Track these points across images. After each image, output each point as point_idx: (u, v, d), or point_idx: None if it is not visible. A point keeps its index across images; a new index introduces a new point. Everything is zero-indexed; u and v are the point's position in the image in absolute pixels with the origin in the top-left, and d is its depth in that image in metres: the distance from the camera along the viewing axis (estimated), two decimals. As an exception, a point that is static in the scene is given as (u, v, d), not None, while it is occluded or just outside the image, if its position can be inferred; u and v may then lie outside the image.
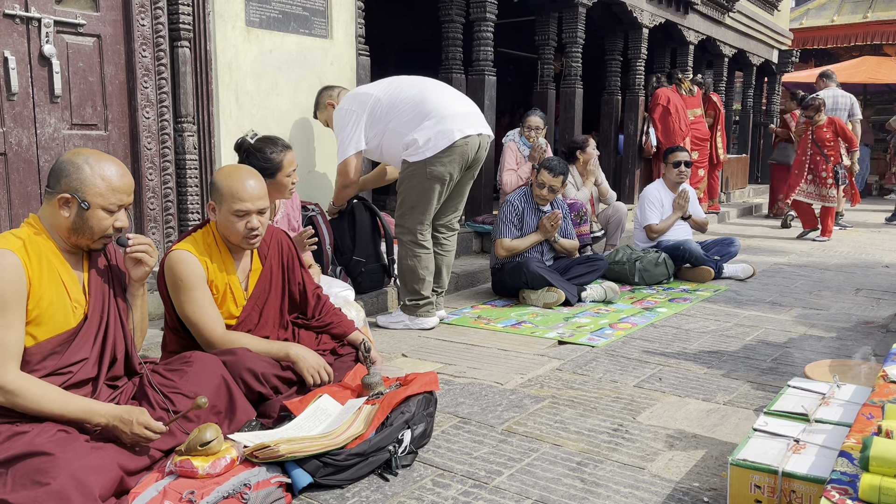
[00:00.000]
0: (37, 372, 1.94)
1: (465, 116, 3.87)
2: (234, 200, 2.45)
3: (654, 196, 5.68)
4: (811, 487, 1.75)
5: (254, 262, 2.65)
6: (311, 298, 2.77)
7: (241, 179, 2.48)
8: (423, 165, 3.76)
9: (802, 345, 3.63)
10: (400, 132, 3.81)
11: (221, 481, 1.93)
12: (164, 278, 2.52)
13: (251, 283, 2.63)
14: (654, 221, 5.61)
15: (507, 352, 3.53)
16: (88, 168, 1.98)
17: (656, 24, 8.10)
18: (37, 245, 1.97)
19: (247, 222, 2.47)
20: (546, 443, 2.44)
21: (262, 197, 2.51)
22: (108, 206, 2.00)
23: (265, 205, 2.52)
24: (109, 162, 2.03)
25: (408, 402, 2.35)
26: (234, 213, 2.46)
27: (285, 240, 2.75)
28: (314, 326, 2.78)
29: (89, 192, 1.97)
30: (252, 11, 4.00)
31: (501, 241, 4.63)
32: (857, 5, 14.57)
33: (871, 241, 7.67)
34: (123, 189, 2.03)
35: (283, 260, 2.71)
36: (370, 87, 3.99)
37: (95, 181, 1.98)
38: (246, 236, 2.49)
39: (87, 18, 3.41)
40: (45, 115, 3.29)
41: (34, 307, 1.92)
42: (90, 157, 2.01)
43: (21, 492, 1.68)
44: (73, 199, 1.96)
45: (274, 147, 3.11)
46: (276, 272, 2.68)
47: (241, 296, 2.60)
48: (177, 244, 2.55)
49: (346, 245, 4.18)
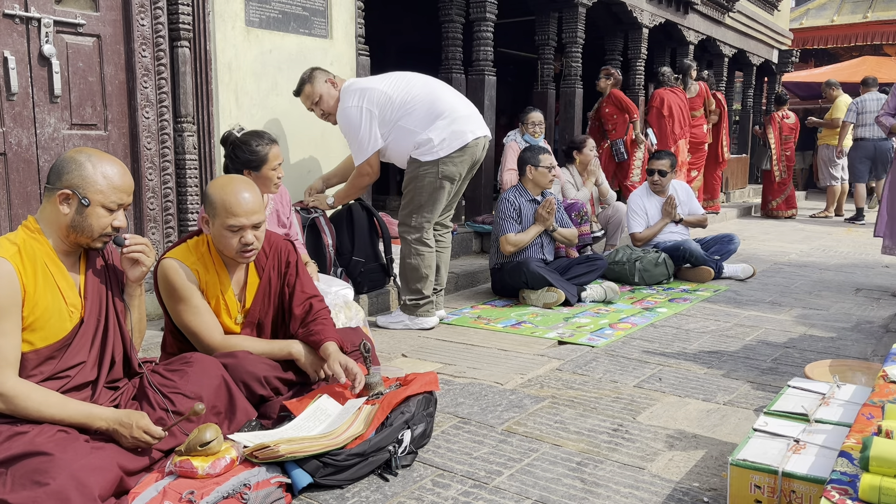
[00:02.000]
0: (35, 376, 1.94)
1: (472, 117, 3.92)
2: (228, 215, 2.34)
3: (636, 204, 5.65)
4: (811, 487, 1.75)
5: (250, 276, 2.56)
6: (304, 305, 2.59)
7: (236, 192, 2.36)
8: (436, 165, 3.77)
9: (802, 345, 3.63)
10: (412, 130, 3.79)
11: (221, 481, 1.93)
12: (158, 287, 2.49)
13: (248, 297, 2.56)
14: (637, 230, 5.59)
15: (507, 352, 3.52)
16: (90, 165, 1.98)
17: (656, 24, 8.10)
18: (32, 250, 1.96)
19: (241, 237, 2.37)
20: (546, 443, 2.44)
21: (258, 211, 2.39)
22: (108, 204, 1.99)
23: (261, 219, 2.41)
24: (111, 161, 2.04)
25: (408, 403, 2.35)
26: (227, 227, 2.35)
27: (285, 248, 2.63)
28: (300, 333, 2.55)
29: (90, 189, 1.97)
30: (252, 11, 4.00)
31: (507, 237, 4.62)
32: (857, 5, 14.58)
33: (871, 241, 7.66)
34: (124, 188, 2.03)
35: (282, 270, 2.59)
36: (375, 82, 3.91)
37: (97, 178, 1.98)
38: (240, 251, 2.39)
39: (87, 18, 3.41)
40: (45, 115, 3.29)
41: (29, 313, 1.91)
42: (92, 155, 2.01)
43: (20, 492, 1.68)
44: (74, 195, 1.96)
45: (260, 140, 3.12)
46: (274, 285, 2.59)
47: (235, 308, 2.53)
48: (168, 252, 2.49)
49: (344, 246, 4.18)
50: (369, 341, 2.72)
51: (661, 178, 5.58)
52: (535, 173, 4.72)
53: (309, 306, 2.57)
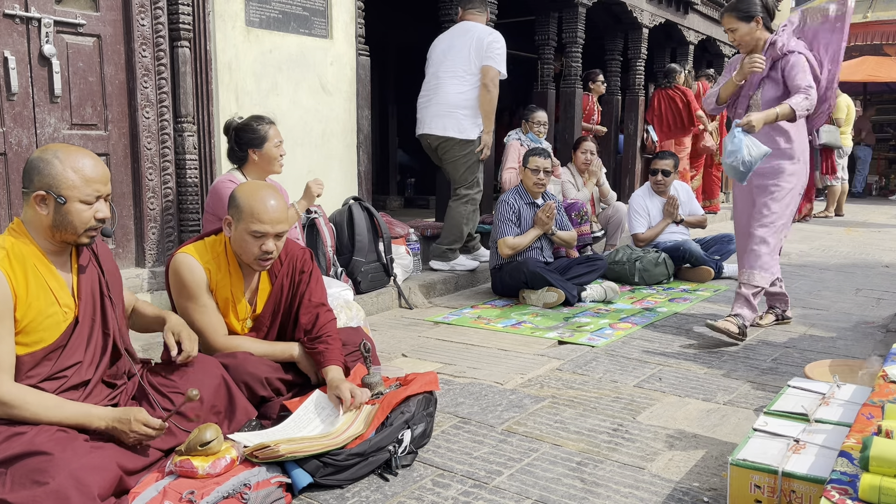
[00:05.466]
0: (31, 378, 1.93)
1: (425, 116, 4.93)
2: (253, 221, 2.36)
3: (638, 204, 5.66)
4: (811, 487, 1.75)
5: (262, 282, 2.57)
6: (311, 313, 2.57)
7: (264, 200, 2.38)
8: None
9: (802, 345, 3.63)
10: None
11: (221, 481, 1.93)
12: (169, 280, 2.51)
13: (259, 302, 2.57)
14: (639, 231, 5.60)
15: (507, 352, 3.52)
16: (58, 162, 1.94)
17: (656, 24, 8.10)
18: (20, 253, 1.93)
19: (262, 244, 2.38)
20: (546, 443, 2.43)
21: (283, 220, 2.41)
22: (85, 198, 1.95)
23: (285, 228, 2.42)
24: (80, 154, 1.98)
25: (408, 402, 2.35)
26: (251, 233, 2.37)
27: (301, 257, 2.62)
28: (304, 344, 2.54)
29: (63, 186, 1.93)
30: (252, 11, 4.00)
31: (505, 240, 4.62)
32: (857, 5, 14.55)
33: (871, 241, 7.67)
34: (98, 179, 1.98)
35: (295, 278, 2.59)
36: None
37: (67, 174, 1.93)
38: (259, 258, 2.41)
39: (87, 18, 3.41)
40: (45, 115, 3.29)
41: (22, 317, 1.89)
42: (59, 151, 1.96)
43: (20, 491, 1.68)
44: (49, 195, 1.93)
45: (260, 121, 3.36)
46: (286, 293, 2.58)
47: (245, 311, 2.54)
48: (184, 246, 2.50)
49: (345, 246, 4.18)
50: (369, 341, 2.71)
51: (664, 178, 5.59)
52: (522, 172, 4.76)
53: (315, 316, 2.55)
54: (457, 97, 4.75)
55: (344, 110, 4.63)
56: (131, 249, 3.69)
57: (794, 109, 3.44)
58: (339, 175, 4.64)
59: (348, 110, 4.66)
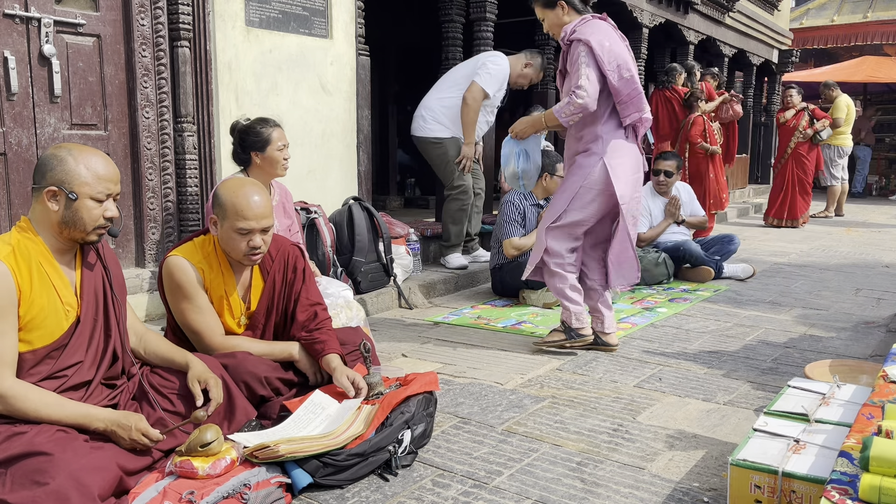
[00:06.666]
0: (32, 376, 1.93)
1: (415, 117, 5.00)
2: (238, 218, 2.36)
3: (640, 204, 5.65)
4: (811, 487, 1.75)
5: (254, 278, 2.57)
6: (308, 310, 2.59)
7: (247, 196, 2.38)
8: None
9: (802, 345, 3.63)
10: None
11: (221, 482, 1.93)
12: (162, 283, 2.51)
13: (253, 299, 2.57)
14: (641, 230, 5.58)
15: (507, 352, 3.52)
16: (72, 159, 1.96)
17: (656, 24, 8.09)
18: (26, 250, 1.94)
19: (249, 240, 2.38)
20: (546, 443, 2.43)
21: (268, 215, 2.41)
22: (96, 195, 1.97)
23: (270, 223, 2.43)
24: (92, 153, 2.01)
25: (408, 403, 2.35)
26: (236, 230, 2.37)
27: (293, 254, 2.62)
28: (302, 338, 2.56)
29: (75, 183, 1.95)
30: (252, 11, 4.00)
31: (511, 241, 4.61)
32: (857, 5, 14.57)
33: (871, 241, 7.67)
34: (109, 178, 2.01)
35: (289, 276, 2.59)
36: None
37: (80, 171, 1.96)
38: (248, 254, 2.41)
39: (87, 18, 3.41)
40: (45, 115, 3.29)
41: (25, 313, 1.91)
42: (72, 149, 1.99)
43: (20, 492, 1.68)
44: (61, 191, 1.94)
45: (264, 124, 3.30)
46: (279, 289, 2.59)
47: (239, 309, 2.54)
48: (174, 249, 2.50)
49: (344, 246, 4.18)
50: (369, 341, 2.72)
51: (666, 179, 5.59)
52: (549, 181, 4.69)
53: (313, 314, 2.57)
54: (435, 101, 4.94)
55: (344, 110, 4.63)
56: (131, 249, 3.69)
57: (556, 116, 3.07)
58: (339, 175, 4.64)
59: (348, 110, 4.66)
